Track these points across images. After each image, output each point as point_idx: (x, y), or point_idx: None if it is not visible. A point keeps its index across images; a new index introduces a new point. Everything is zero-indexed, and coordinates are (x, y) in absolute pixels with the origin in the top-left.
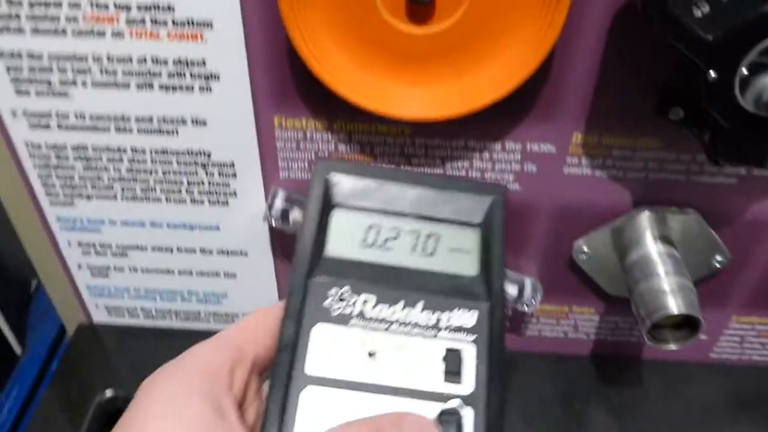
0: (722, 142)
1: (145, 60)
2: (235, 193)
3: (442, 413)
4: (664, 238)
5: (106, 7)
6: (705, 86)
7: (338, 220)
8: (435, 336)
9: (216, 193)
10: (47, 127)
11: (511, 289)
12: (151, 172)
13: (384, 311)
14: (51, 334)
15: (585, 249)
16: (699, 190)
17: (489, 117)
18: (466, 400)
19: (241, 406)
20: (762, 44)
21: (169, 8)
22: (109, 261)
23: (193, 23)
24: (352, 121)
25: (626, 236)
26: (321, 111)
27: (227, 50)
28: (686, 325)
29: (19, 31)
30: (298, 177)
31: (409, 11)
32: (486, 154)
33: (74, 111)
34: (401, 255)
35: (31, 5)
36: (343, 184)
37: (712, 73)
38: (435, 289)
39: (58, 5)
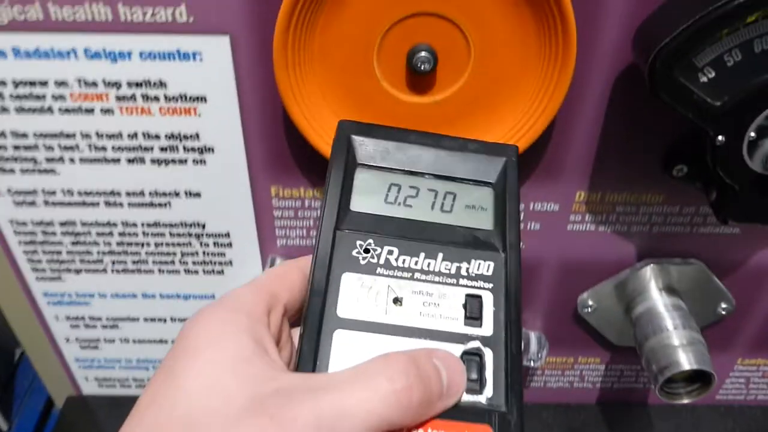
0: (730, 202)
1: (136, 135)
2: (230, 263)
3: (465, 353)
4: (670, 289)
5: (95, 84)
6: (712, 149)
7: (361, 178)
8: (455, 284)
9: (211, 263)
10: (33, 204)
11: None
12: (142, 245)
13: (407, 261)
14: (38, 407)
15: (590, 302)
16: (702, 241)
17: None
18: (486, 341)
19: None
20: None
21: (161, 84)
22: (99, 333)
23: (186, 98)
24: None
25: (631, 288)
26: (319, 180)
27: (222, 123)
28: (698, 378)
29: (3, 110)
30: (296, 245)
31: (409, 81)
32: None
33: (61, 187)
34: (421, 211)
35: (16, 84)
36: (365, 144)
37: (720, 138)
38: (453, 241)
39: (44, 84)
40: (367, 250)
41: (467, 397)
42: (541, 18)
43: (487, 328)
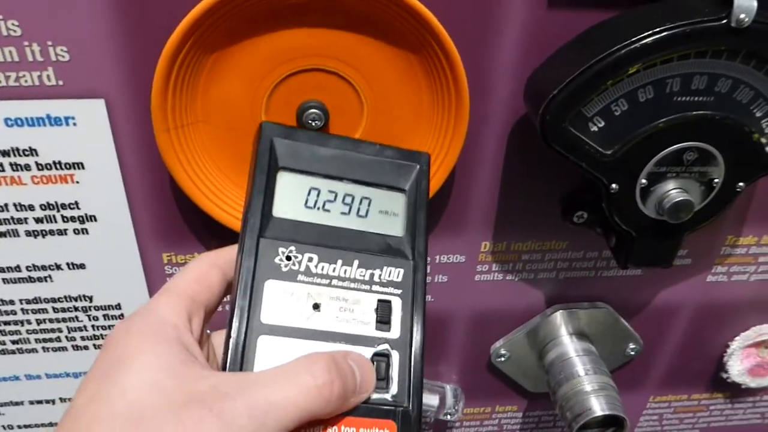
0: (629, 248)
1: (6, 207)
2: None
3: (375, 354)
4: (580, 334)
5: None
6: (607, 197)
7: (283, 181)
8: (369, 290)
9: (102, 337)
10: None
11: (432, 400)
12: (22, 323)
13: (326, 268)
14: None
15: (503, 351)
16: (608, 284)
17: None
18: (393, 344)
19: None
20: (658, 156)
21: (32, 152)
22: None
23: (61, 165)
24: None
25: (542, 335)
26: (214, 244)
27: (103, 190)
28: (612, 422)
29: None
30: None
31: None
32: None
33: None
34: (338, 217)
35: None
36: (287, 147)
37: (614, 186)
38: (368, 249)
39: None
40: (288, 258)
41: (376, 395)
42: (432, 72)
43: (395, 332)
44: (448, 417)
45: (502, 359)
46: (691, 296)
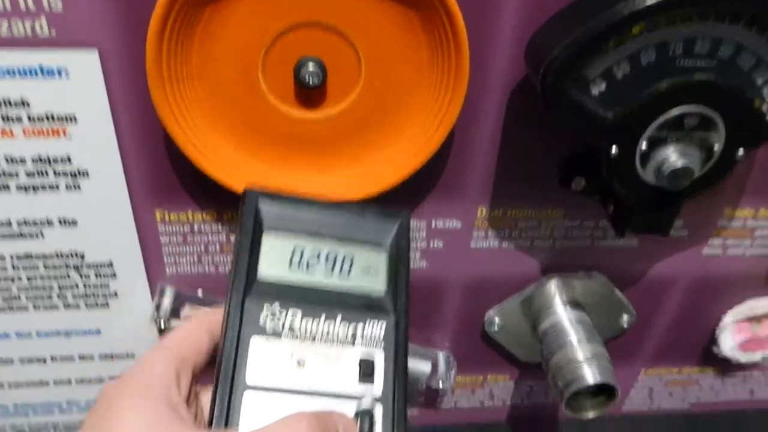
0: (627, 214)
1: None
2: (116, 294)
3: (358, 412)
4: (574, 303)
5: None
6: (606, 161)
7: (268, 243)
8: (352, 345)
9: (94, 295)
10: None
11: (424, 366)
12: (13, 280)
13: (309, 325)
14: None
15: (496, 320)
16: (603, 254)
17: (391, 196)
18: (378, 398)
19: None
20: (659, 119)
21: (24, 103)
22: None
23: (53, 118)
24: None
25: (536, 304)
26: (208, 202)
27: (96, 144)
28: (603, 391)
29: None
30: (187, 272)
31: (298, 96)
32: None
33: None
34: (322, 275)
35: None
36: (271, 210)
37: (613, 149)
38: (351, 305)
39: None
40: (273, 316)
41: None
42: (432, 30)
43: (378, 386)
44: (440, 385)
45: (496, 328)
46: (686, 269)
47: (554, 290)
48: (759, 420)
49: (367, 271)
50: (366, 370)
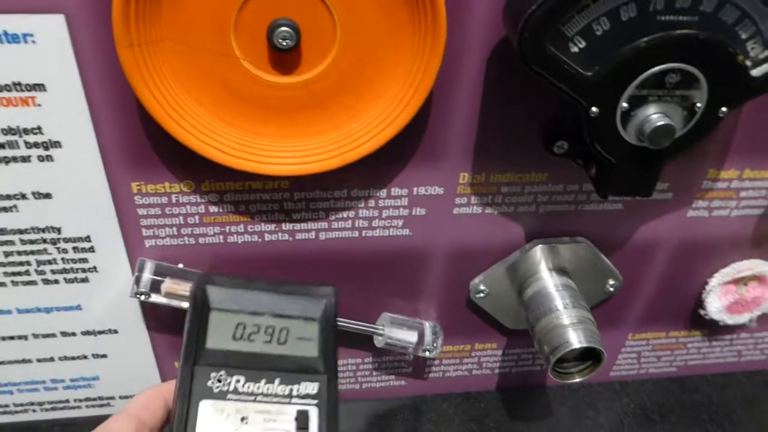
0: (608, 176)
1: None
2: (95, 269)
3: None
4: (559, 269)
5: None
6: (587, 122)
7: (214, 320)
8: (289, 402)
9: (72, 270)
10: None
11: (410, 336)
12: None
13: (251, 386)
14: None
15: (482, 287)
16: (588, 219)
17: (371, 164)
18: None
19: None
20: (639, 78)
21: None
22: None
23: (21, 87)
24: (222, 180)
25: (522, 271)
26: (186, 172)
27: (67, 114)
28: (589, 356)
29: None
30: (167, 244)
31: (272, 60)
32: (372, 202)
33: None
34: (261, 345)
35: None
36: (217, 292)
37: (594, 109)
38: (287, 368)
39: None
40: (219, 380)
41: None
42: None
43: None
44: (427, 354)
45: (482, 295)
46: (672, 232)
47: (539, 256)
48: (746, 382)
49: (301, 340)
50: (302, 423)
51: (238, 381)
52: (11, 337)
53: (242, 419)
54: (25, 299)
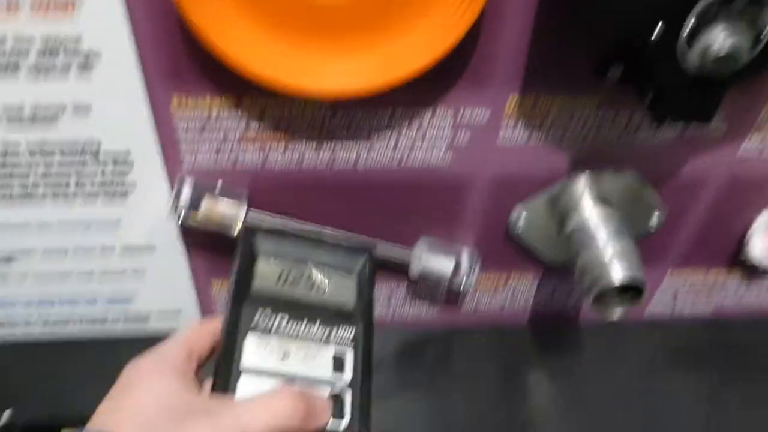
0: (666, 101)
1: (5, 40)
2: (134, 185)
3: (332, 394)
4: (603, 201)
5: None
6: (649, 43)
7: (261, 265)
8: (327, 343)
9: (112, 185)
10: None
11: (447, 265)
12: (30, 167)
13: (293, 326)
14: None
15: (523, 218)
16: (636, 150)
17: (417, 84)
18: (347, 384)
19: None
20: None
21: None
22: None
23: None
24: (263, 97)
25: (564, 202)
26: (227, 88)
27: (106, 23)
28: (630, 290)
29: None
30: (206, 162)
31: None
32: (415, 124)
33: None
34: (303, 291)
35: None
36: (264, 240)
37: (657, 29)
38: (327, 314)
39: None
40: (264, 318)
41: (332, 425)
42: None
43: (347, 375)
44: (462, 284)
45: (521, 226)
46: (721, 167)
47: (583, 187)
48: None
49: (340, 290)
50: (338, 363)
51: (281, 320)
52: (51, 251)
53: (284, 354)
54: (65, 213)
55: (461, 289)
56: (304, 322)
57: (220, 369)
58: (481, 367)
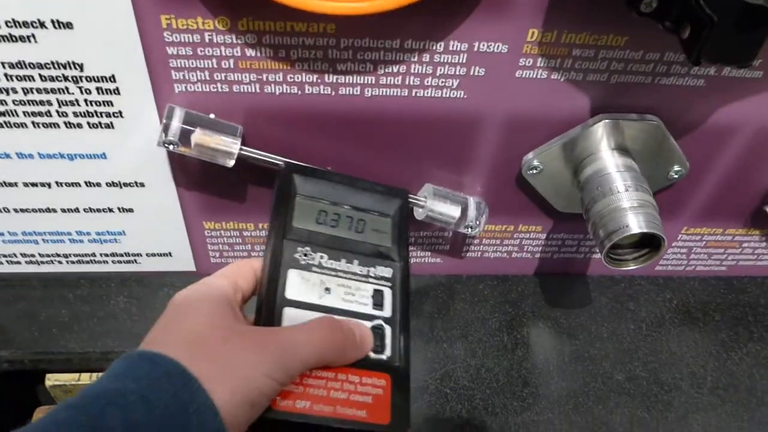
0: (706, 39)
1: None
2: (120, 114)
3: (373, 327)
4: (622, 149)
5: None
6: None
7: (299, 204)
8: (366, 281)
9: (96, 114)
10: None
11: (453, 211)
12: (8, 91)
13: (333, 263)
14: None
15: (536, 163)
16: (663, 95)
17: (430, 11)
18: (386, 320)
19: None
20: None
21: None
22: None
23: None
24: (261, 18)
25: (581, 148)
26: (221, 6)
27: None
28: (646, 243)
29: None
30: (198, 90)
31: None
32: (426, 56)
33: None
34: (342, 230)
35: None
36: (302, 180)
37: None
38: (365, 252)
39: None
40: (305, 254)
41: (374, 356)
42: None
43: (387, 312)
44: (469, 230)
45: (534, 172)
46: (752, 116)
47: (602, 133)
48: None
49: (376, 231)
50: (377, 300)
51: (321, 257)
52: (34, 184)
53: (326, 290)
54: (47, 143)
55: (467, 236)
56: (343, 261)
57: (263, 302)
58: (484, 316)
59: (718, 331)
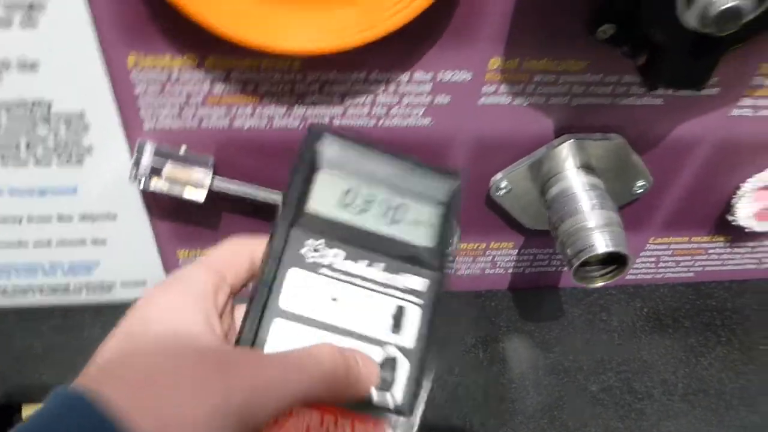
0: (660, 65)
1: None
2: (90, 150)
3: (384, 358)
4: (587, 167)
5: None
6: (645, 1)
7: (321, 180)
8: (389, 294)
9: (66, 151)
10: None
11: None
12: None
13: (350, 266)
14: None
15: (503, 184)
16: (623, 114)
17: (393, 43)
18: (405, 352)
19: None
20: None
21: None
22: None
23: None
24: (228, 55)
25: (547, 168)
26: (188, 45)
27: None
28: (613, 260)
29: None
30: (168, 127)
31: None
32: (392, 87)
33: None
34: (371, 219)
35: None
36: (331, 149)
37: None
38: (396, 254)
39: None
40: (315, 250)
41: (376, 397)
42: None
43: (409, 340)
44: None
45: (502, 192)
46: (711, 131)
47: (567, 153)
48: (763, 289)
49: (418, 224)
50: (398, 321)
51: (336, 255)
52: (4, 219)
53: (333, 299)
54: (17, 179)
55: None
56: (364, 263)
57: (252, 307)
58: (459, 333)
59: (688, 337)
